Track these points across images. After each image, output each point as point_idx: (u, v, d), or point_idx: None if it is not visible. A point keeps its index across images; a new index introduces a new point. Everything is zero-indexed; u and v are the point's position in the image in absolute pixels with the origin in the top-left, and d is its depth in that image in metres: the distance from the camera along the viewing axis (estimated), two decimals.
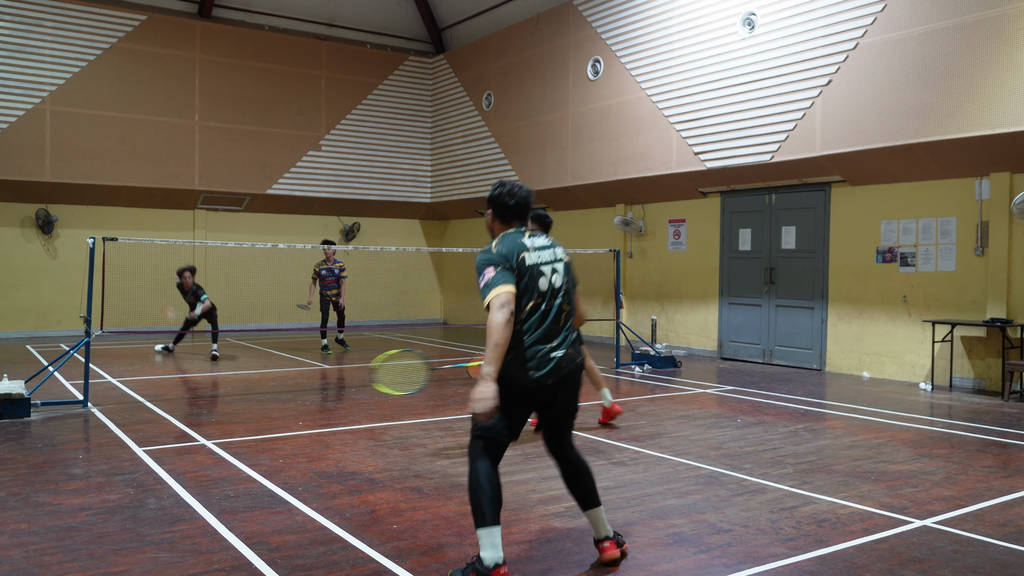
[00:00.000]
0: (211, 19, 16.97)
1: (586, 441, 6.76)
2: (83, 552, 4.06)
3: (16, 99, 14.72)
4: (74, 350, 8.33)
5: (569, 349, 3.91)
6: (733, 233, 12.97)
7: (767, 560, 4.06)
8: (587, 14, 14.72)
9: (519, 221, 4.02)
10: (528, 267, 3.85)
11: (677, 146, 12.93)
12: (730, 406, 8.64)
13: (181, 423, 7.36)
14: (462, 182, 18.38)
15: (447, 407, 8.34)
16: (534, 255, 3.89)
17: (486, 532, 3.63)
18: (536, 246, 3.93)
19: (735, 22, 11.97)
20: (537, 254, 3.91)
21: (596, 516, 4.01)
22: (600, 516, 4.01)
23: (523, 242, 3.89)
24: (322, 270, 13.35)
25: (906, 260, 10.69)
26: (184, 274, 12.49)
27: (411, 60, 19.23)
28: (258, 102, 17.16)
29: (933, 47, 9.62)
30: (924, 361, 10.46)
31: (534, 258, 3.88)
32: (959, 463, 6.13)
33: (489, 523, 3.64)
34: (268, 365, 11.73)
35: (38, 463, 5.85)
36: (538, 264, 3.89)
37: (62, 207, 15.71)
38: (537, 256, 3.90)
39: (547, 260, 3.93)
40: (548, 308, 3.89)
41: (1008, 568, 4.00)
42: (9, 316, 15.28)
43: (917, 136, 9.78)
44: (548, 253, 3.95)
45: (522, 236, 3.93)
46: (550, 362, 3.82)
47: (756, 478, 5.65)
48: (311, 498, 5.03)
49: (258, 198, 17.34)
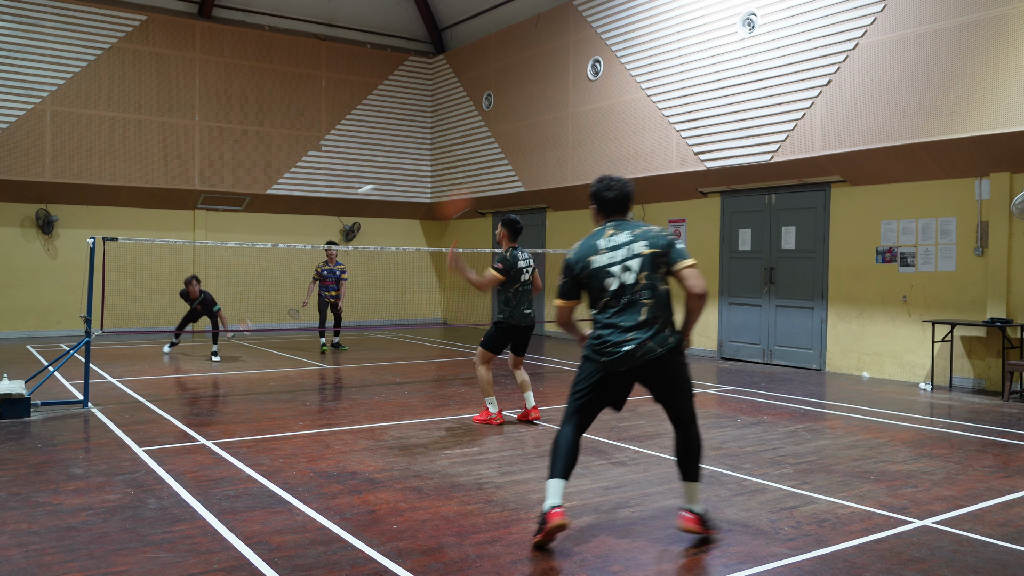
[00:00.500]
0: (211, 19, 16.98)
1: (586, 441, 6.76)
2: (83, 552, 4.06)
3: (16, 99, 14.72)
4: (74, 350, 8.33)
5: (649, 339, 4.13)
6: (733, 233, 12.97)
7: (767, 560, 4.06)
8: (587, 14, 14.73)
9: (620, 214, 4.37)
10: (594, 270, 4.22)
11: (677, 146, 12.93)
12: (730, 406, 8.64)
13: (181, 423, 7.36)
14: (462, 182, 18.38)
15: (447, 407, 8.34)
16: (604, 257, 4.22)
17: (550, 483, 4.19)
18: (610, 246, 4.24)
19: (735, 22, 11.98)
20: (608, 255, 4.22)
21: (688, 488, 4.34)
22: (691, 490, 4.32)
23: (596, 243, 4.26)
24: (324, 271, 13.35)
25: (906, 260, 10.69)
26: (191, 283, 12.33)
27: (411, 60, 19.23)
28: (258, 102, 17.17)
29: (933, 47, 9.63)
30: (924, 361, 10.47)
31: (603, 260, 4.22)
32: (959, 463, 6.13)
33: (551, 476, 4.20)
34: (268, 365, 11.73)
35: (38, 463, 5.85)
36: (607, 266, 4.20)
37: (62, 207, 15.71)
38: (608, 257, 4.21)
39: (619, 259, 4.20)
40: (621, 304, 4.18)
41: (1008, 568, 4.00)
42: (9, 316, 15.28)
43: (917, 136, 9.78)
44: (623, 251, 4.21)
45: (600, 236, 4.28)
46: (619, 352, 4.13)
47: (756, 478, 5.65)
48: (311, 498, 5.03)
49: (258, 198, 17.34)
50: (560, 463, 4.19)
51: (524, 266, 7.41)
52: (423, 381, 10.34)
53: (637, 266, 4.16)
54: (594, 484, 5.42)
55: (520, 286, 7.41)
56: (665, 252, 4.21)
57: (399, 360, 12.47)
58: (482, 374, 7.51)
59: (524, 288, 7.43)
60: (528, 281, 7.46)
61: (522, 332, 7.55)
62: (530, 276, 7.47)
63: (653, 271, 4.19)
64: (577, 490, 5.27)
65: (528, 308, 7.50)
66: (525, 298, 7.44)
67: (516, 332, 7.50)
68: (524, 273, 7.40)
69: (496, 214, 18.63)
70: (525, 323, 7.46)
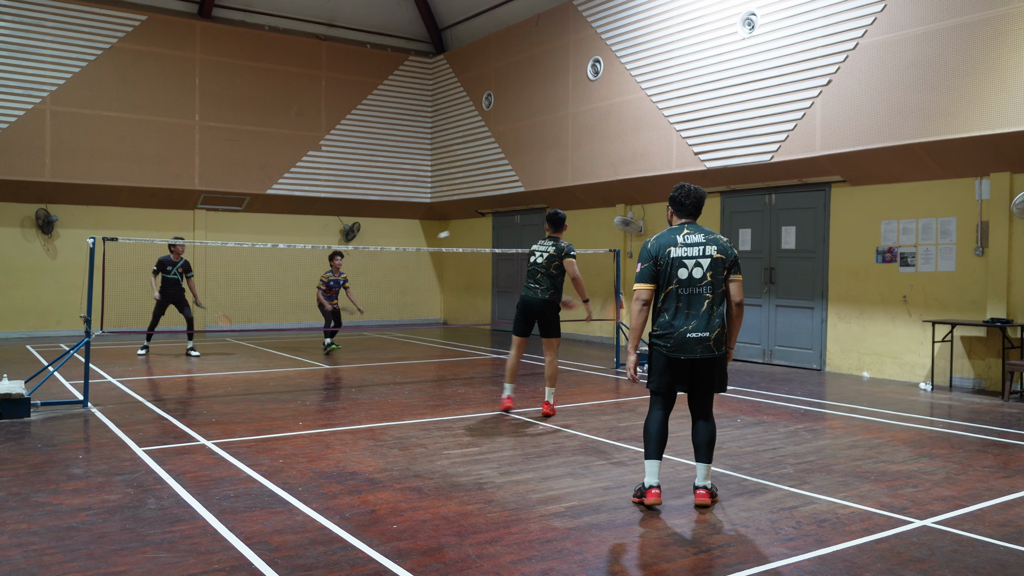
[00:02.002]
0: (211, 19, 16.98)
1: (586, 441, 6.77)
2: (83, 552, 4.06)
3: (16, 99, 14.72)
4: (74, 350, 8.33)
5: (707, 333, 4.78)
6: (733, 233, 12.97)
7: (767, 560, 4.06)
8: (587, 14, 14.73)
9: (692, 217, 5.00)
10: (672, 259, 4.84)
11: (677, 146, 12.94)
12: (730, 406, 8.64)
13: (181, 423, 7.36)
14: (462, 182, 18.39)
15: (447, 407, 8.34)
16: (680, 250, 4.85)
17: (647, 463, 4.91)
18: (687, 243, 4.86)
19: (735, 22, 11.97)
20: (684, 250, 4.85)
21: (700, 469, 4.97)
22: (701, 470, 4.95)
23: (675, 238, 4.88)
24: (330, 281, 13.45)
25: (906, 260, 10.69)
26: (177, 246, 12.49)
27: (411, 60, 19.23)
28: (258, 102, 17.17)
29: (933, 47, 9.63)
30: (924, 361, 10.46)
31: (679, 252, 4.85)
32: (959, 463, 6.13)
33: (648, 457, 4.91)
34: (268, 365, 11.73)
35: (38, 463, 5.85)
36: (681, 258, 4.84)
37: (62, 207, 15.71)
38: (683, 251, 4.85)
39: (692, 256, 4.84)
40: (686, 294, 4.83)
41: (1008, 568, 4.00)
42: (9, 316, 15.28)
43: (917, 136, 9.78)
44: (696, 250, 4.85)
45: (678, 233, 4.90)
46: (683, 341, 4.80)
47: (756, 478, 5.65)
48: (311, 498, 5.03)
49: (258, 198, 17.34)
50: (653, 445, 4.91)
51: (534, 249, 8.01)
52: (423, 381, 10.34)
53: (707, 265, 4.82)
54: (594, 484, 5.42)
55: (529, 267, 8.01)
56: (732, 263, 4.90)
57: (399, 360, 12.47)
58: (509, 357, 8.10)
59: (531, 269, 7.95)
60: (537, 263, 7.89)
61: (525, 309, 7.91)
62: (544, 260, 7.85)
63: (717, 274, 4.84)
64: (577, 490, 5.27)
65: (532, 284, 7.89)
66: (531, 277, 7.93)
67: (519, 310, 7.96)
68: (533, 255, 7.96)
69: (496, 214, 18.63)
70: (523, 296, 7.94)
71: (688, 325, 4.79)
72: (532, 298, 7.84)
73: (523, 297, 7.92)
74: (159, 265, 12.58)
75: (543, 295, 7.80)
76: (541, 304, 7.80)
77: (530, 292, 7.85)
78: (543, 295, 7.80)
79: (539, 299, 7.80)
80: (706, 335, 4.78)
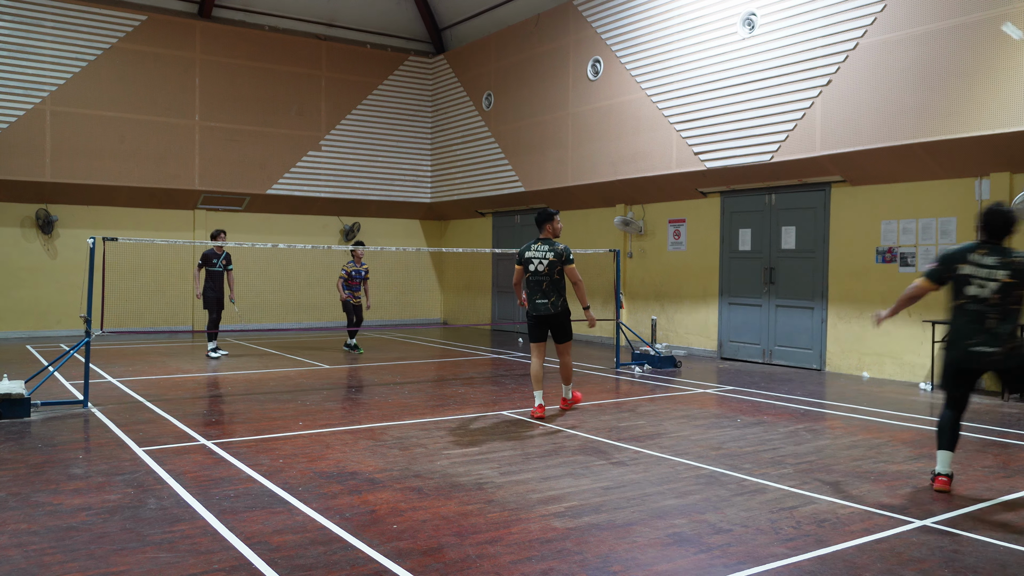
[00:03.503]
0: (211, 19, 16.97)
1: (586, 441, 6.77)
2: (83, 552, 4.06)
3: (16, 99, 14.72)
4: (74, 350, 8.33)
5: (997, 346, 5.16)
6: (733, 233, 12.97)
7: (767, 560, 4.07)
8: (587, 14, 14.73)
9: (996, 239, 5.27)
10: (960, 275, 5.24)
11: (677, 146, 12.93)
12: (730, 406, 8.64)
13: (181, 423, 7.36)
14: (462, 182, 18.39)
15: (447, 407, 8.34)
16: (969, 268, 5.21)
17: (938, 453, 5.36)
18: (980, 262, 5.19)
19: (735, 22, 11.97)
20: (973, 268, 5.20)
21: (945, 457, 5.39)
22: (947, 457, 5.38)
23: (969, 256, 5.23)
24: (352, 271, 13.44)
25: (906, 260, 10.69)
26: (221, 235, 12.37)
27: (411, 60, 19.23)
28: (258, 102, 17.16)
29: (933, 47, 9.63)
30: (924, 361, 10.46)
31: (968, 270, 5.21)
32: (959, 463, 6.12)
33: (939, 447, 5.36)
34: (268, 365, 11.73)
35: (38, 463, 5.85)
36: (971, 275, 5.20)
37: (62, 207, 15.71)
38: (972, 269, 5.20)
39: (983, 276, 5.18)
40: (973, 310, 5.23)
41: (1008, 568, 4.00)
42: (9, 316, 15.28)
43: (917, 136, 9.78)
44: (986, 272, 5.18)
45: (974, 251, 5.23)
46: (970, 353, 5.25)
47: (756, 478, 5.65)
48: (311, 498, 5.03)
49: (258, 198, 17.34)
50: (943, 439, 5.34)
51: (531, 256, 7.71)
52: (423, 381, 10.34)
53: (994, 287, 5.15)
54: (594, 484, 5.42)
55: (530, 276, 7.72)
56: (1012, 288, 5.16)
57: (399, 360, 12.47)
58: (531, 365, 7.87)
59: (533, 279, 7.71)
60: (538, 271, 7.65)
61: (539, 321, 7.75)
62: (544, 267, 7.63)
63: (1005, 295, 5.15)
64: (577, 490, 5.27)
65: (542, 298, 7.68)
66: (537, 288, 7.70)
67: (533, 321, 7.78)
68: (532, 263, 7.68)
69: (496, 214, 18.64)
70: (535, 312, 7.73)
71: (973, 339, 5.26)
72: (546, 313, 7.69)
73: (536, 310, 7.73)
74: (204, 259, 12.47)
75: (554, 308, 7.67)
76: (556, 317, 7.72)
77: (542, 307, 7.69)
78: (554, 308, 7.67)
79: (552, 313, 7.68)
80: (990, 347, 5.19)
